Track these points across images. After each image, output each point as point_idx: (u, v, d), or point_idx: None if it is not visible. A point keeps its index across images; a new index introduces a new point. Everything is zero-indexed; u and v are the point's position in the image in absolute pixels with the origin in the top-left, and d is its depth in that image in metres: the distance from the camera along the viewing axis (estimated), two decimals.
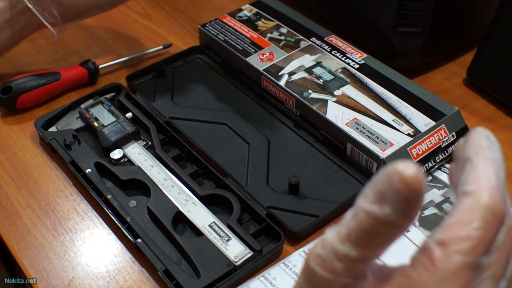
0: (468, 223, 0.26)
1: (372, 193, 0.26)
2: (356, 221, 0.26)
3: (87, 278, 0.55)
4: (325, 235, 0.28)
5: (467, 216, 0.26)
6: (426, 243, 0.27)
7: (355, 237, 0.26)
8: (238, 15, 0.78)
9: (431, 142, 0.60)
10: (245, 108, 0.70)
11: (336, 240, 0.27)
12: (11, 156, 0.67)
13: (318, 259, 0.28)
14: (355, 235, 0.26)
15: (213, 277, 0.52)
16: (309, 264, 0.28)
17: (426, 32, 0.70)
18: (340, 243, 0.27)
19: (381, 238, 0.26)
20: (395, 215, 0.25)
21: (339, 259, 0.27)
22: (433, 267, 0.26)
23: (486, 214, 0.26)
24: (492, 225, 0.26)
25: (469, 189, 0.27)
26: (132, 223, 0.57)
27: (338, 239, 0.27)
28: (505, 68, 0.69)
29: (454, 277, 0.26)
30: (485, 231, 0.26)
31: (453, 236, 0.26)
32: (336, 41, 0.73)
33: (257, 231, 0.56)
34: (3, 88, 0.70)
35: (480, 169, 0.28)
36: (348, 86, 0.66)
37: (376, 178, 0.26)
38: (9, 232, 0.59)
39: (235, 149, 0.65)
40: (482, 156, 0.28)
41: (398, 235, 0.26)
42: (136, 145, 0.65)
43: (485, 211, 0.26)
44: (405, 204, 0.25)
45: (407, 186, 0.25)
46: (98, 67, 0.75)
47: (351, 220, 0.27)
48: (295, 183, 0.59)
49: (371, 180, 0.27)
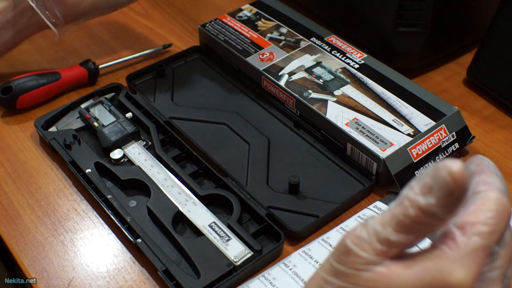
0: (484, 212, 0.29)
1: (418, 185, 0.29)
2: (400, 209, 0.29)
3: (87, 278, 0.55)
4: (368, 220, 0.31)
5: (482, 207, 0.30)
6: (447, 229, 0.30)
7: (397, 222, 0.29)
8: (238, 15, 0.78)
9: (431, 142, 0.60)
10: (245, 108, 0.70)
11: (379, 224, 0.30)
12: (11, 156, 0.67)
13: (356, 239, 0.30)
14: (398, 221, 0.29)
15: (213, 277, 0.52)
16: (345, 243, 0.31)
17: (426, 32, 0.70)
18: (382, 226, 0.30)
19: (421, 227, 0.29)
20: (437, 206, 0.28)
21: (379, 240, 0.30)
22: (456, 246, 0.29)
23: (498, 207, 0.30)
24: (502, 218, 0.30)
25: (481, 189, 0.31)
26: (132, 223, 0.57)
27: (381, 223, 0.30)
28: (505, 68, 0.69)
29: (474, 255, 0.29)
30: (497, 221, 0.30)
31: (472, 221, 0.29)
32: (336, 41, 0.73)
33: (257, 231, 0.56)
34: (3, 88, 0.70)
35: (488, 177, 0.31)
36: (348, 86, 0.66)
37: (424, 172, 0.29)
38: (9, 232, 0.59)
39: (235, 149, 0.65)
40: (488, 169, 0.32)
41: (437, 227, 0.29)
42: (136, 145, 0.65)
43: (497, 205, 0.30)
44: (449, 196, 0.28)
45: (453, 179, 0.27)
46: (98, 67, 0.75)
47: (394, 208, 0.29)
48: (295, 183, 0.59)
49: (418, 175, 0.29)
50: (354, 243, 0.31)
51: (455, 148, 0.62)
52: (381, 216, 0.30)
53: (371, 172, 0.60)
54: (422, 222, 0.29)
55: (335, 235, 0.56)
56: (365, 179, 0.60)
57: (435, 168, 0.28)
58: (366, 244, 0.30)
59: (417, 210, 0.28)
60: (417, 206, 0.28)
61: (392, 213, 0.29)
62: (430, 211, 0.28)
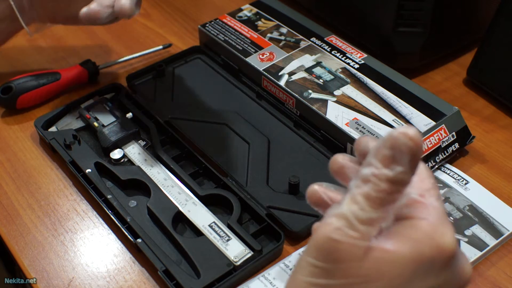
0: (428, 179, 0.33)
1: (377, 159, 0.30)
2: (370, 187, 0.30)
3: (87, 278, 0.55)
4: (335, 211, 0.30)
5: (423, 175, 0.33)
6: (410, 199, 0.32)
7: (373, 200, 0.30)
8: (238, 15, 0.78)
9: (431, 142, 0.60)
10: (245, 108, 0.70)
11: (355, 208, 0.30)
12: (11, 156, 0.67)
13: (338, 231, 0.30)
14: (373, 198, 0.30)
15: (213, 277, 0.52)
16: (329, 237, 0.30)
17: (426, 32, 0.70)
18: (360, 209, 0.30)
19: (394, 197, 0.30)
20: (406, 173, 0.29)
21: (362, 223, 0.30)
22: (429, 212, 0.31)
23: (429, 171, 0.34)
24: None
25: None
26: (132, 223, 0.56)
27: (357, 206, 0.30)
28: (505, 68, 0.69)
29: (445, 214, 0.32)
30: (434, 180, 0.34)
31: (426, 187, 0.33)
32: (336, 41, 0.73)
33: (257, 231, 0.56)
34: (3, 88, 0.70)
35: None
36: (348, 86, 0.66)
37: (375, 147, 0.30)
38: (9, 232, 0.59)
39: (235, 149, 0.65)
40: None
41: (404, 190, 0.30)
42: (136, 145, 0.65)
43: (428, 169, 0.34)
44: (414, 159, 0.29)
45: (415, 142, 0.29)
46: (98, 67, 0.75)
47: (362, 188, 0.30)
48: (295, 183, 0.59)
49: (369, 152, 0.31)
50: (340, 235, 0.30)
51: (455, 148, 0.62)
52: (349, 201, 0.30)
53: None
54: (394, 192, 0.30)
55: None
56: None
57: (390, 139, 0.29)
58: (352, 231, 0.30)
59: (388, 182, 0.29)
60: (386, 179, 0.29)
61: (362, 193, 0.30)
62: (400, 179, 0.29)
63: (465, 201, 0.59)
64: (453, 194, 0.60)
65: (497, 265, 0.55)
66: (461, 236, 0.56)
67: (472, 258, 0.54)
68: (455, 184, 0.60)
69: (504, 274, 0.54)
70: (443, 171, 0.62)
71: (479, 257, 0.55)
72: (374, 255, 0.30)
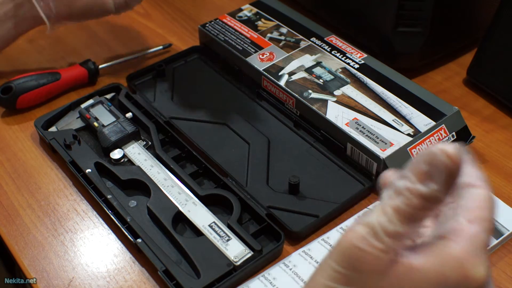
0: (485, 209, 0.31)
1: (413, 173, 0.29)
2: (402, 200, 0.29)
3: (87, 278, 0.55)
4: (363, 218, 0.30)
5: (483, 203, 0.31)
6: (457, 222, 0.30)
7: (402, 214, 0.29)
8: (238, 15, 0.78)
9: (431, 142, 0.60)
10: (245, 108, 0.70)
11: (384, 219, 0.29)
12: (11, 156, 0.67)
13: (363, 239, 0.29)
14: (402, 212, 0.29)
15: (213, 277, 0.52)
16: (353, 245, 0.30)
17: (426, 32, 0.70)
18: (388, 221, 0.29)
19: (424, 213, 0.29)
20: (440, 191, 0.29)
21: (388, 235, 0.29)
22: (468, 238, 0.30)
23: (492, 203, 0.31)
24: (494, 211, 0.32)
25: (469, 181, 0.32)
26: (132, 223, 0.57)
27: (385, 218, 0.29)
28: (505, 68, 0.69)
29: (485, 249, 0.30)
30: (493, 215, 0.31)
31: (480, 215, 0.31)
32: (336, 41, 0.73)
33: (257, 231, 0.56)
34: (3, 88, 0.70)
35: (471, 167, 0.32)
36: (348, 86, 0.66)
37: (414, 161, 0.29)
38: (9, 232, 0.59)
39: (235, 149, 0.65)
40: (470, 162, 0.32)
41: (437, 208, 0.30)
42: (136, 145, 0.65)
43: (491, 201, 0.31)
44: (450, 179, 0.29)
45: (453, 161, 0.28)
46: (98, 67, 0.75)
47: (393, 200, 0.29)
48: (295, 183, 0.59)
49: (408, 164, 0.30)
50: (365, 243, 0.29)
51: None
52: (379, 212, 0.30)
53: (371, 172, 0.60)
54: (425, 209, 0.29)
55: (335, 235, 0.56)
56: (365, 179, 0.60)
57: (429, 154, 0.29)
58: (377, 242, 0.29)
59: (420, 198, 0.29)
60: (419, 194, 0.29)
61: (392, 205, 0.29)
62: (434, 196, 0.29)
63: None
64: None
65: (497, 265, 0.55)
66: None
67: None
68: None
69: (504, 274, 0.54)
70: None
71: None
72: (398, 269, 0.30)
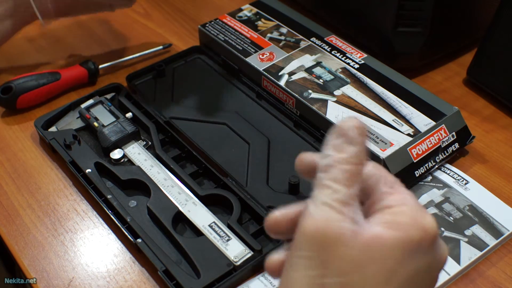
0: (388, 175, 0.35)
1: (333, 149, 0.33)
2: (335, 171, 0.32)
3: (87, 278, 0.55)
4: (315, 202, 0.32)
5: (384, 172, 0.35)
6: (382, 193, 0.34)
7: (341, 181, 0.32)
8: (238, 15, 0.78)
9: (431, 142, 0.60)
10: (245, 108, 0.70)
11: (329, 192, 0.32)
12: (11, 156, 0.67)
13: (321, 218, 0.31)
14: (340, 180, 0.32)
15: (213, 277, 0.52)
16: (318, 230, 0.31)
17: (426, 32, 0.70)
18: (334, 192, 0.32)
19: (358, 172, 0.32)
20: (360, 150, 0.32)
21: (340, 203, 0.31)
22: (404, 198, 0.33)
23: None
24: None
25: None
26: (132, 223, 0.57)
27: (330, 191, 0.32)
28: (505, 68, 0.69)
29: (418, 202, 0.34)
30: None
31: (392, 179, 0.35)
32: (336, 41, 0.73)
33: (257, 231, 0.56)
34: (3, 88, 0.70)
35: None
36: (348, 86, 0.66)
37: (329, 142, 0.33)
38: (9, 232, 0.59)
39: (235, 149, 0.65)
40: None
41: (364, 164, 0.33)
42: (136, 145, 0.65)
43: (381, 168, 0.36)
44: (362, 136, 0.32)
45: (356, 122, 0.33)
46: (98, 67, 0.75)
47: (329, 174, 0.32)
48: (295, 183, 0.59)
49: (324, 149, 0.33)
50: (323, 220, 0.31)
51: (455, 148, 0.62)
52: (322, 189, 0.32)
53: None
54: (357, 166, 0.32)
55: None
56: None
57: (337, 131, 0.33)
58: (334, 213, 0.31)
59: (348, 163, 0.32)
60: (345, 160, 0.32)
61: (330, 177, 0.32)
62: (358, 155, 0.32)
63: (465, 201, 0.59)
64: (453, 194, 0.60)
65: (497, 265, 0.55)
66: (461, 236, 0.56)
67: (472, 258, 0.54)
68: (455, 184, 0.60)
69: (504, 274, 0.54)
70: (443, 171, 0.62)
71: (479, 257, 0.55)
72: (364, 240, 0.31)
